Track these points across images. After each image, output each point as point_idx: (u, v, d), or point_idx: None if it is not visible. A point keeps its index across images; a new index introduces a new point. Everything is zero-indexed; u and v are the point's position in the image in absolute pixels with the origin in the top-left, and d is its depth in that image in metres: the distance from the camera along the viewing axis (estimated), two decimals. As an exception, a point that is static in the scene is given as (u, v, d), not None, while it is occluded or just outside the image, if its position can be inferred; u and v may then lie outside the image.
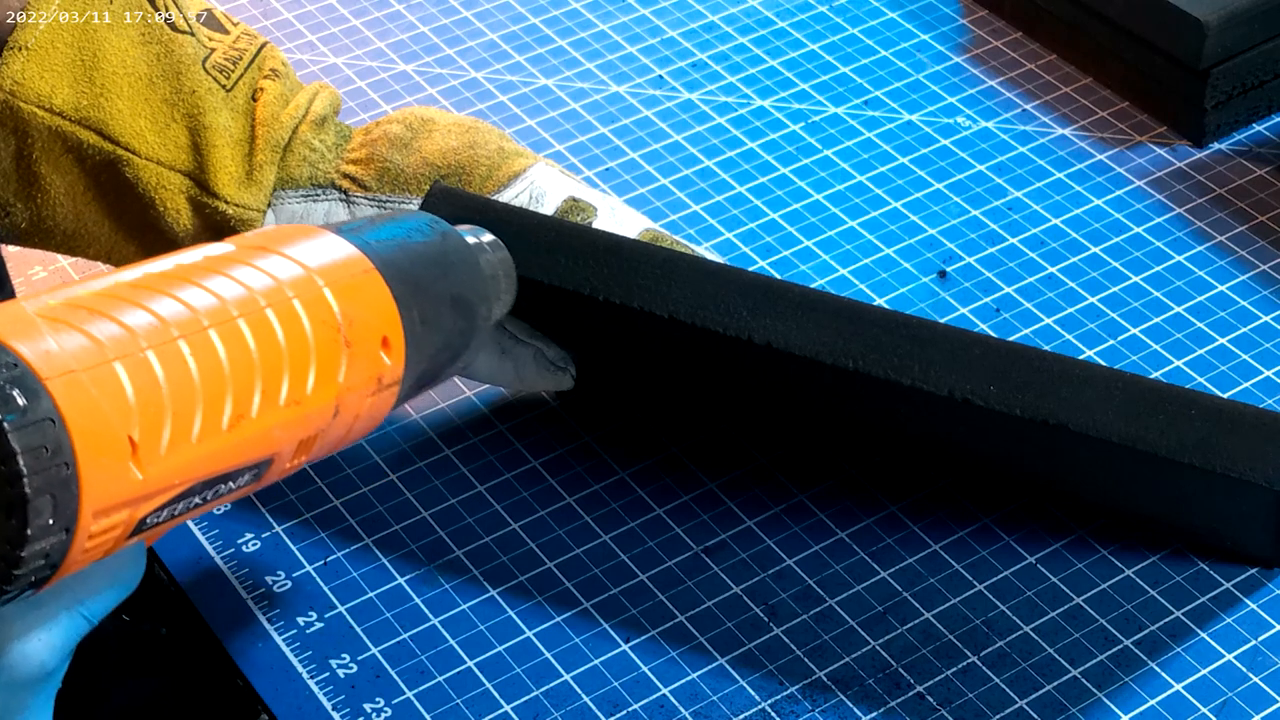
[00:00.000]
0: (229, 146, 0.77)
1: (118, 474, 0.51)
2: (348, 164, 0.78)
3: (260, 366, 0.55)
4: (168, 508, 0.53)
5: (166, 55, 0.76)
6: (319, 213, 0.78)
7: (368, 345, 0.60)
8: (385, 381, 0.61)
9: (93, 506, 0.50)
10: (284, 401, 0.56)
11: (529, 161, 0.79)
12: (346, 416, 0.60)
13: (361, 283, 0.60)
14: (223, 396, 0.54)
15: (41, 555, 0.49)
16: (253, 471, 0.56)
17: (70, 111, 0.76)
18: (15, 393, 0.48)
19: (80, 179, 0.77)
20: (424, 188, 0.77)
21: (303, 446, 0.58)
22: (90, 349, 0.51)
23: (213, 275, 0.56)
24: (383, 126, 0.79)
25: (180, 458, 0.53)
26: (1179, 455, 0.69)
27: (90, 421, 0.50)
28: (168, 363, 0.52)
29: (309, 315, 0.57)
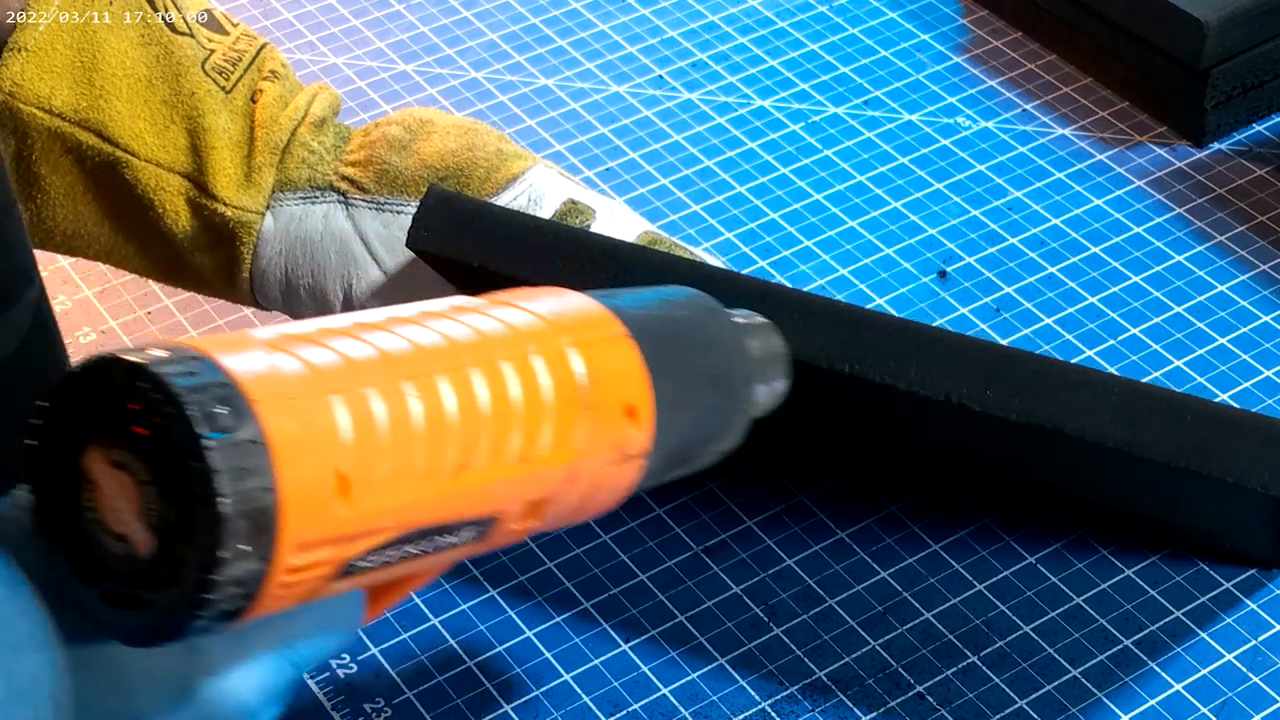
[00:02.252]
0: (228, 148, 0.77)
1: (323, 508, 0.49)
2: (346, 166, 0.78)
3: (489, 417, 0.53)
4: (379, 553, 0.51)
5: (166, 57, 0.76)
6: (317, 214, 0.78)
7: (610, 411, 0.57)
8: (630, 453, 0.58)
9: (294, 538, 0.48)
10: (512, 457, 0.53)
11: (528, 163, 0.79)
12: (583, 484, 0.57)
13: (609, 346, 0.57)
14: (445, 443, 0.51)
15: (236, 582, 0.47)
16: (476, 528, 0.54)
17: (70, 113, 0.75)
18: (222, 411, 0.47)
19: (79, 180, 0.77)
20: (422, 190, 0.77)
21: (532, 509, 0.56)
22: (307, 378, 0.49)
23: (447, 321, 0.54)
24: (381, 128, 0.79)
25: (393, 500, 0.50)
26: (1175, 459, 0.69)
27: (298, 450, 0.48)
28: (389, 402, 0.50)
29: (547, 371, 0.55)
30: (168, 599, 0.48)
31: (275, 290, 0.79)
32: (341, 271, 0.78)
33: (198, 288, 0.82)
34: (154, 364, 0.47)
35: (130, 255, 0.80)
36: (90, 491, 0.49)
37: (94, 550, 0.49)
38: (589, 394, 0.56)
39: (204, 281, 0.81)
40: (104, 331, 0.91)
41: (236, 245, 0.78)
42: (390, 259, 0.78)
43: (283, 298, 0.80)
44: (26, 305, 0.62)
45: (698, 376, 0.61)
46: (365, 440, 0.50)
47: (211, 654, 0.53)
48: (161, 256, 0.79)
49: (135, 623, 0.49)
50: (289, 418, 0.48)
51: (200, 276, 0.80)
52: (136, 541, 0.48)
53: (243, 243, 0.78)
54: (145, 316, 0.92)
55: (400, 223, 0.77)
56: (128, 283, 0.93)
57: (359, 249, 0.78)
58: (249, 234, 0.77)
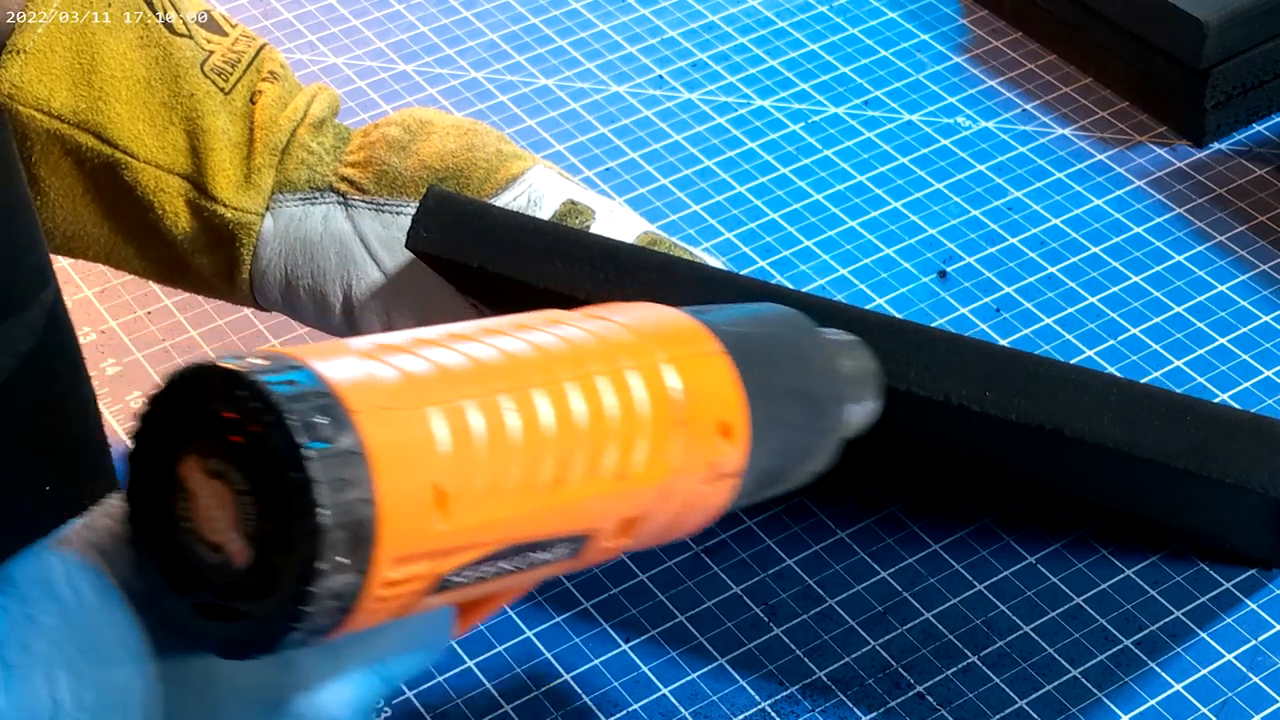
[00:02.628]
0: (227, 150, 0.77)
1: (421, 521, 0.48)
2: (346, 167, 0.78)
3: (585, 431, 0.52)
4: (473, 568, 0.50)
5: (165, 58, 0.76)
6: (316, 215, 0.78)
7: (705, 428, 0.56)
8: (722, 471, 0.57)
9: (391, 551, 0.47)
10: (608, 472, 0.53)
11: (527, 164, 0.79)
12: (675, 502, 0.56)
13: (705, 362, 0.57)
14: (541, 457, 0.51)
15: (333, 595, 0.46)
16: (569, 545, 0.53)
17: (69, 115, 0.75)
18: (321, 421, 0.46)
19: (79, 182, 0.77)
20: (422, 191, 0.77)
21: (625, 526, 0.55)
22: (406, 390, 0.49)
23: (541, 333, 0.54)
24: (381, 129, 0.79)
25: (490, 514, 0.50)
26: (1175, 460, 0.69)
27: (397, 462, 0.47)
28: (486, 415, 0.50)
29: (643, 386, 0.54)
30: (263, 611, 0.47)
31: (275, 291, 0.79)
32: (341, 272, 0.78)
33: (197, 288, 0.82)
34: (253, 372, 0.46)
35: (130, 256, 0.80)
36: (186, 500, 0.48)
37: (188, 560, 0.49)
38: (684, 410, 0.55)
39: (204, 282, 0.81)
40: (104, 331, 0.91)
41: (236, 246, 0.78)
42: (390, 260, 0.78)
43: (282, 298, 0.80)
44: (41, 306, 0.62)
45: (791, 395, 0.60)
46: (463, 453, 0.49)
47: (303, 668, 0.52)
48: (161, 258, 0.79)
49: (229, 634, 0.48)
50: (387, 429, 0.47)
51: (200, 277, 0.80)
52: (232, 552, 0.48)
53: (242, 244, 0.78)
54: (145, 316, 0.92)
55: (400, 223, 0.77)
56: (128, 283, 0.93)
57: (358, 250, 0.78)
58: (249, 235, 0.77)
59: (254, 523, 0.47)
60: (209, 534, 0.48)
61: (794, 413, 0.60)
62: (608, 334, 0.55)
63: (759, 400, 0.58)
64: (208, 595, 0.48)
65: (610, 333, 0.55)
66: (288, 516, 0.46)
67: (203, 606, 0.49)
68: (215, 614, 0.48)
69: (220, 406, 0.47)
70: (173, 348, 0.90)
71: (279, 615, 0.47)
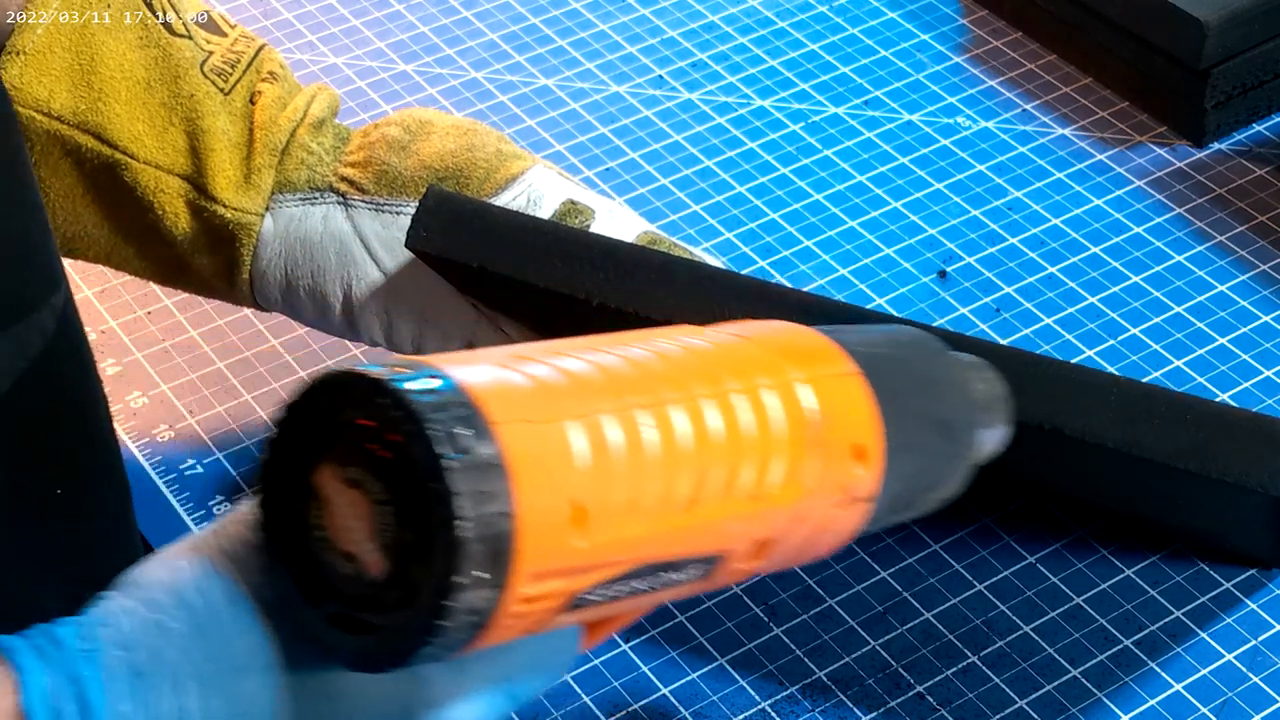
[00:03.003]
0: (227, 150, 0.77)
1: (559, 537, 0.47)
2: (346, 167, 0.78)
3: (723, 448, 0.51)
4: (607, 587, 0.49)
5: (164, 59, 0.76)
6: (316, 215, 0.78)
7: (840, 450, 0.55)
8: (856, 495, 0.56)
9: (529, 567, 0.46)
10: (744, 492, 0.52)
11: (527, 164, 0.79)
12: (808, 525, 0.55)
13: (840, 383, 0.56)
14: (679, 474, 0.50)
15: (470, 610, 0.45)
16: (701, 566, 0.52)
17: (68, 115, 0.75)
18: (464, 432, 0.45)
19: (79, 182, 0.77)
20: (421, 190, 0.77)
21: (758, 548, 0.54)
22: (545, 402, 0.48)
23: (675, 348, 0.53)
24: (381, 129, 0.79)
25: (627, 532, 0.49)
26: (1175, 460, 0.69)
27: (537, 476, 0.46)
28: (625, 429, 0.49)
29: (779, 404, 0.53)
30: (398, 623, 0.46)
31: (275, 291, 0.79)
32: (341, 272, 0.78)
33: (197, 289, 0.82)
34: (394, 380, 0.46)
35: (130, 257, 0.80)
36: (321, 509, 0.48)
37: (321, 570, 0.48)
38: (820, 431, 0.54)
39: (204, 283, 0.81)
40: (104, 332, 0.91)
41: (236, 247, 0.78)
42: (390, 259, 0.78)
43: (282, 298, 0.80)
44: (51, 310, 0.62)
45: (925, 419, 0.59)
46: (602, 468, 0.48)
47: (432, 684, 0.51)
48: (161, 258, 0.79)
49: (361, 647, 0.47)
50: (527, 441, 0.46)
51: (200, 278, 0.80)
52: (367, 563, 0.47)
53: (242, 244, 0.78)
54: (145, 316, 0.92)
55: (399, 223, 0.77)
56: (128, 283, 0.93)
57: (358, 250, 0.78)
58: (248, 235, 0.77)
59: (391, 533, 0.46)
60: (344, 543, 0.47)
61: (927, 437, 0.59)
62: (741, 350, 0.54)
63: (893, 424, 0.57)
64: (340, 606, 0.48)
65: (744, 349, 0.54)
66: (427, 528, 0.45)
67: (335, 617, 0.48)
68: (347, 625, 0.48)
69: (360, 414, 0.46)
70: (173, 348, 0.90)
71: (414, 629, 0.46)
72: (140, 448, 0.85)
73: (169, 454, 0.84)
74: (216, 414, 0.86)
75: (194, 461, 0.84)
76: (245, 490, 0.83)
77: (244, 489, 0.83)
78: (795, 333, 0.57)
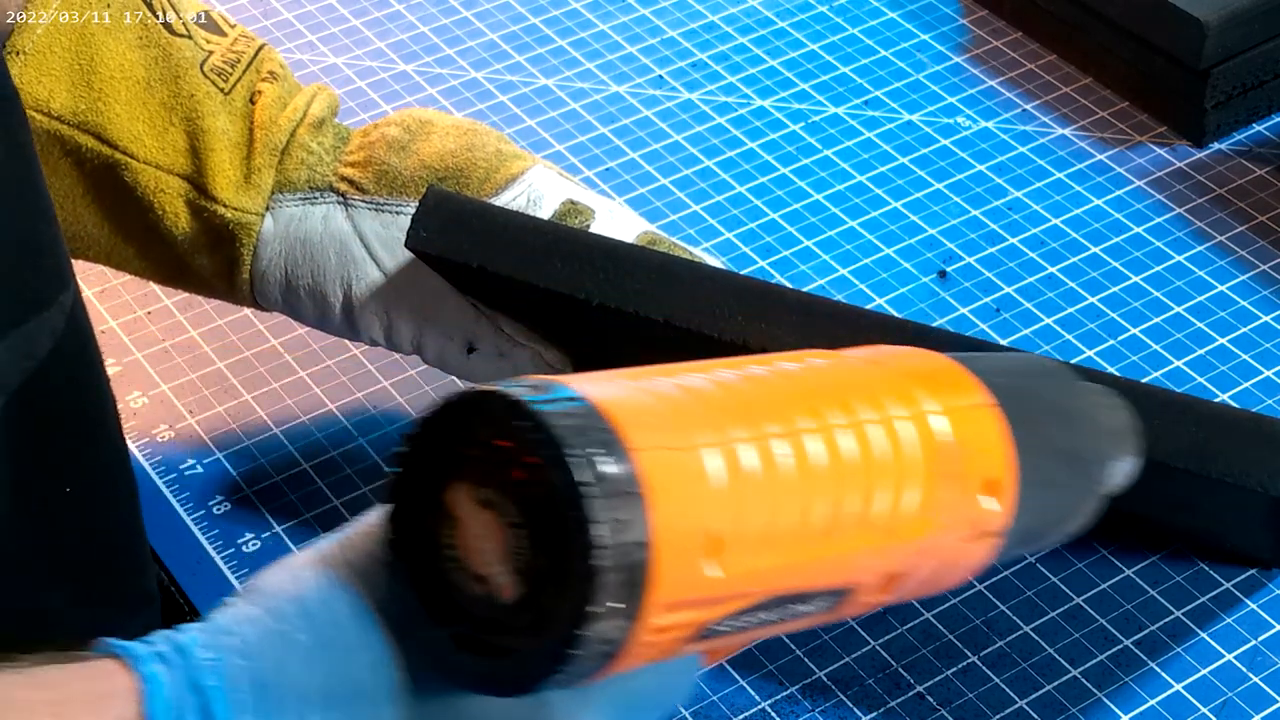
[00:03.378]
0: (227, 150, 0.77)
1: (694, 568, 0.46)
2: (346, 167, 0.78)
3: (858, 477, 0.50)
4: (736, 618, 0.48)
5: (164, 59, 0.76)
6: (316, 215, 0.78)
7: (972, 483, 0.54)
8: (985, 529, 0.55)
9: (663, 598, 0.45)
10: (877, 523, 0.51)
11: (527, 164, 0.79)
12: (937, 559, 0.54)
13: (974, 414, 0.55)
14: (814, 504, 0.49)
15: (602, 640, 0.45)
16: (830, 598, 0.51)
17: (68, 115, 0.75)
18: (604, 458, 0.44)
19: (79, 182, 0.77)
20: (421, 190, 0.77)
21: (887, 582, 0.53)
22: (681, 429, 0.47)
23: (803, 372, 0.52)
24: (381, 129, 0.79)
25: (761, 563, 0.48)
26: (1174, 460, 0.68)
27: (675, 505, 0.45)
28: (760, 457, 0.48)
29: (914, 432, 0.52)
30: (528, 649, 0.46)
31: (275, 291, 0.79)
32: (341, 272, 0.78)
33: (197, 289, 0.82)
34: (533, 400, 0.45)
35: (130, 257, 0.80)
36: (452, 529, 0.47)
37: (450, 590, 0.47)
38: (953, 463, 0.53)
39: (204, 283, 0.81)
40: (104, 331, 0.91)
41: (236, 246, 0.78)
42: (390, 259, 0.78)
43: (282, 298, 0.80)
44: (61, 308, 0.62)
45: (1057, 453, 0.58)
46: (737, 496, 0.47)
47: (554, 709, 0.51)
48: (161, 258, 0.79)
49: (489, 670, 0.47)
50: (665, 469, 0.45)
51: (200, 278, 0.80)
52: (498, 585, 0.46)
53: (242, 244, 0.78)
54: (145, 316, 0.92)
55: (399, 223, 0.77)
56: (128, 283, 0.93)
57: (358, 250, 0.78)
58: (248, 235, 0.77)
59: (525, 558, 0.46)
60: (475, 565, 0.47)
61: (1059, 471, 0.58)
62: (874, 376, 0.53)
63: (1026, 457, 0.55)
64: (468, 628, 0.47)
65: (877, 375, 0.53)
66: (563, 555, 0.44)
67: (461, 638, 0.47)
68: (475, 648, 0.47)
69: (497, 435, 0.46)
70: (173, 348, 0.90)
71: (545, 656, 0.45)
72: (140, 448, 0.85)
73: (169, 454, 0.84)
74: (216, 414, 0.86)
75: (194, 461, 0.84)
76: (245, 490, 0.83)
77: (244, 489, 0.83)
78: (927, 359, 0.56)
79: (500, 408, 0.45)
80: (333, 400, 0.87)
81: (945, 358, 0.56)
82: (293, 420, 0.86)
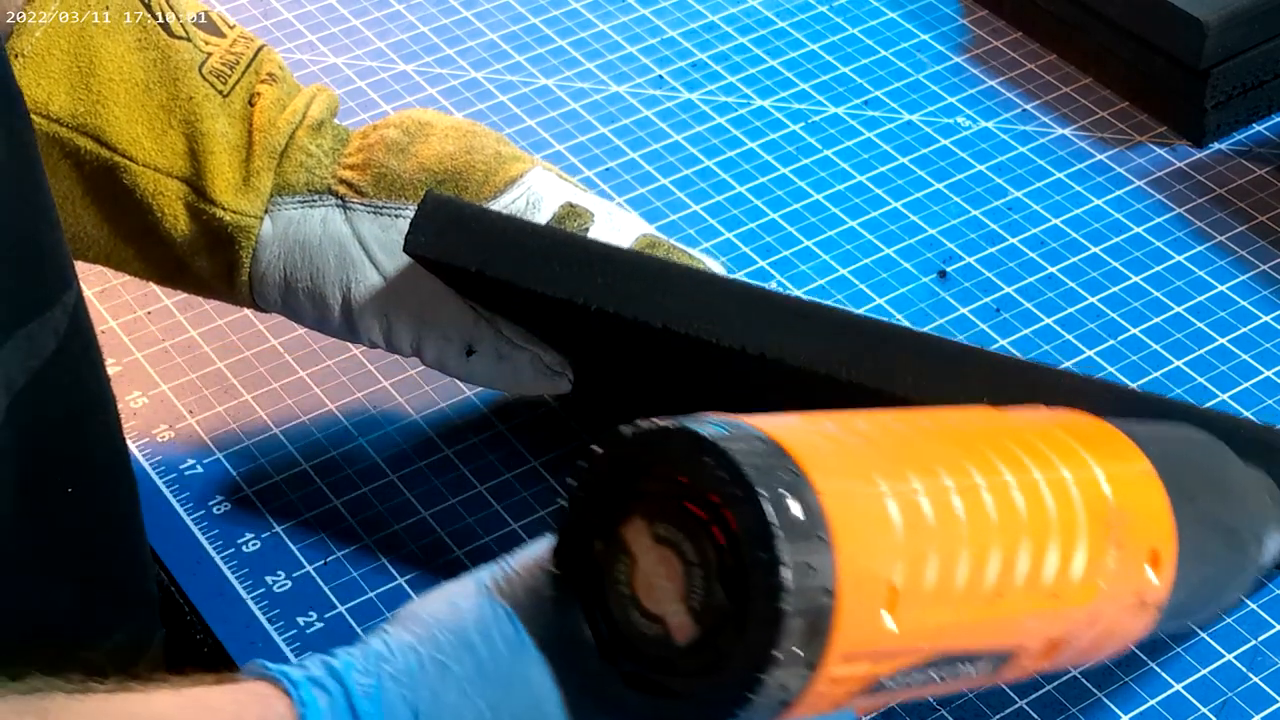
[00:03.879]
0: (226, 153, 0.77)
1: (873, 619, 0.45)
2: (344, 169, 0.78)
3: (1031, 537, 0.49)
4: (906, 673, 0.47)
5: (163, 61, 0.76)
6: (315, 218, 0.78)
7: (1136, 552, 0.53)
8: (1146, 599, 0.54)
9: (842, 647, 0.45)
10: (1046, 585, 0.50)
11: (526, 166, 0.79)
12: (1099, 628, 0.53)
13: (1139, 482, 0.54)
14: (988, 560, 0.48)
15: (780, 686, 0.44)
16: (993, 660, 0.50)
17: (67, 118, 0.75)
18: (792, 501, 0.44)
19: (78, 184, 0.77)
20: (420, 194, 0.77)
21: (1050, 647, 0.52)
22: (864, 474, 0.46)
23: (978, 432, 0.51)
24: (379, 131, 0.79)
25: (936, 618, 0.47)
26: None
27: (859, 552, 0.44)
28: (937, 509, 0.47)
29: (1081, 498, 0.51)
30: (705, 692, 0.45)
31: (274, 293, 0.79)
32: (340, 275, 0.78)
33: (197, 290, 0.82)
34: (722, 439, 0.44)
35: (129, 258, 0.80)
36: (625, 564, 0.46)
37: (619, 626, 0.47)
38: (1120, 530, 0.52)
39: (203, 284, 0.81)
40: (104, 331, 0.91)
41: (235, 249, 0.78)
42: (389, 263, 0.78)
43: (282, 300, 0.80)
44: (64, 309, 0.62)
45: (1214, 526, 0.58)
46: (917, 547, 0.46)
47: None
48: (161, 259, 0.79)
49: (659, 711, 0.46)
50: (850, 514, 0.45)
51: (199, 279, 0.80)
52: (673, 625, 0.46)
53: (241, 246, 0.78)
54: (145, 316, 0.92)
55: (398, 226, 0.77)
56: (128, 283, 0.93)
57: (357, 253, 0.78)
58: (247, 238, 0.78)
59: (705, 598, 0.45)
60: (648, 602, 0.46)
61: (1216, 545, 0.58)
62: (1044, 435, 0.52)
63: (1185, 529, 0.55)
64: (638, 666, 0.46)
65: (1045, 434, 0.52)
66: (747, 597, 0.44)
67: (630, 677, 0.46)
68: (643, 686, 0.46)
69: (680, 471, 0.45)
70: (173, 348, 0.90)
71: (723, 699, 0.44)
72: (140, 448, 0.85)
73: (169, 454, 0.84)
74: (216, 414, 0.86)
75: (194, 461, 0.84)
76: (245, 490, 0.83)
77: (244, 489, 0.83)
78: (1090, 423, 0.55)
79: (684, 443, 0.45)
80: (333, 400, 0.87)
81: (1105, 422, 0.55)
82: (293, 420, 0.86)
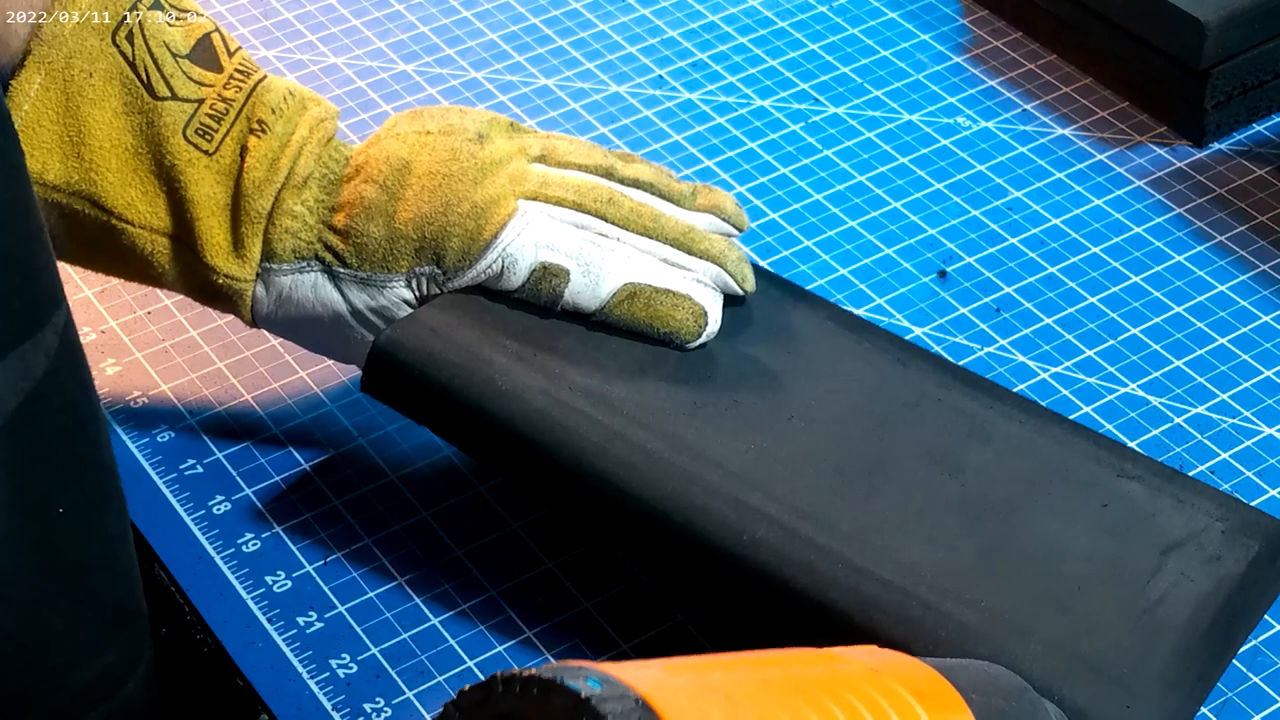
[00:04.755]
0: (214, 216, 0.78)
1: None
2: (329, 232, 0.78)
3: None
4: None
5: (148, 126, 0.77)
6: (306, 285, 0.79)
7: None
8: None
9: None
10: None
11: (504, 214, 0.77)
12: None
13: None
14: None
15: None
16: None
17: (63, 185, 0.77)
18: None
19: (80, 245, 0.79)
20: (403, 260, 0.77)
21: None
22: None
23: (824, 683, 0.55)
24: (359, 186, 0.78)
25: None
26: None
27: None
28: None
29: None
30: None
31: (280, 333, 0.82)
32: (337, 335, 0.80)
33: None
34: (597, 699, 0.47)
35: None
36: None
37: None
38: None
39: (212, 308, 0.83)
40: (104, 331, 0.91)
41: (234, 304, 0.79)
42: (384, 324, 0.78)
43: (288, 338, 0.82)
44: (54, 329, 0.62)
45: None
46: None
47: None
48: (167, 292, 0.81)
49: None
50: None
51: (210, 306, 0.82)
52: None
53: (240, 303, 0.79)
54: (145, 316, 0.92)
55: (387, 295, 0.78)
56: (128, 283, 0.93)
57: (351, 320, 0.79)
58: (243, 300, 0.79)
59: None
60: None
61: None
62: (878, 687, 0.55)
63: None
64: None
65: (881, 687, 0.55)
66: None
67: None
68: None
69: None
70: (173, 348, 0.90)
71: None
72: (140, 448, 0.85)
73: (169, 454, 0.84)
74: (216, 414, 0.86)
75: (194, 461, 0.84)
76: (245, 490, 0.83)
77: (244, 489, 0.83)
78: (923, 674, 0.58)
79: (563, 700, 0.47)
80: (333, 400, 0.87)
81: (932, 670, 0.59)
82: (293, 420, 0.86)
